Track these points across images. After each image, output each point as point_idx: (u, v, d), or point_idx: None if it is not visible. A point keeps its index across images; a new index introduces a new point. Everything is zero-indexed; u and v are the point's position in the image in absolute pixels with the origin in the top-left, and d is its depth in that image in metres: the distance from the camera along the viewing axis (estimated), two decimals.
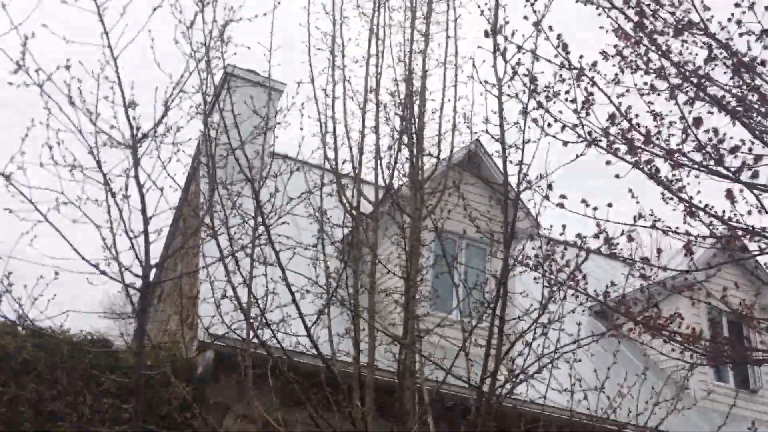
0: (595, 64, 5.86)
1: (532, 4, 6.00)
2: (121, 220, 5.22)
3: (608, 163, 5.53)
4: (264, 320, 6.45)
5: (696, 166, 5.35)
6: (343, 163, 7.26)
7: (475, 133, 7.49)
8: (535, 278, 6.59)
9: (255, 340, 6.50)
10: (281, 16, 7.00)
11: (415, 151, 7.03)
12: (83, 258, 5.11)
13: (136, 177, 5.34)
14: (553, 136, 5.69)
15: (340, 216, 7.47)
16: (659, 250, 5.91)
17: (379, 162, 7.17)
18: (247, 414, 7.01)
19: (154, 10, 5.36)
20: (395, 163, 7.08)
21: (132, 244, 5.24)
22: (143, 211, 5.32)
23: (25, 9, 4.96)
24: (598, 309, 11.26)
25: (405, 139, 7.10)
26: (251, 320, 6.41)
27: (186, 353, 7.54)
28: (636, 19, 5.62)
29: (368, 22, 7.64)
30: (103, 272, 5.24)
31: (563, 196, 5.72)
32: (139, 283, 5.33)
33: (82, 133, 5.20)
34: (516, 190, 6.49)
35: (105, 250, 5.24)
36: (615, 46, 6.24)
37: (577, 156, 5.58)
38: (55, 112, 5.17)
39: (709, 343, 6.42)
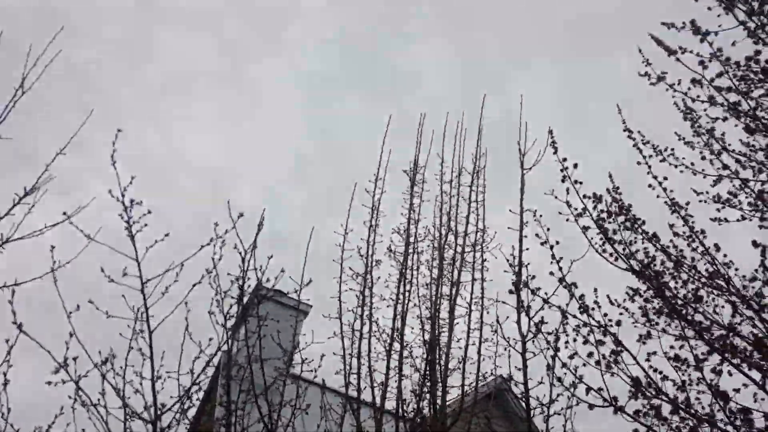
0: (620, 323, 6.22)
1: (558, 262, 6.52)
2: None
3: (636, 431, 5.69)
4: None
5: None
6: (365, 405, 7.45)
7: (500, 376, 7.72)
8: None
9: None
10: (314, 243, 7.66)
11: (438, 399, 7.22)
12: None
13: None
14: (579, 398, 5.90)
15: None
16: None
17: (401, 405, 7.36)
18: None
19: (194, 286, 6.00)
20: (417, 412, 7.26)
21: None
22: None
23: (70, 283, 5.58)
24: None
25: (428, 385, 7.33)
26: None
27: None
28: (656, 282, 6.08)
29: (398, 263, 8.23)
30: None
31: None
32: None
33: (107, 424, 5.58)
34: None
35: None
36: (636, 290, 6.69)
37: None
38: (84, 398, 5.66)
39: None
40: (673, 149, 7.73)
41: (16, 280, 5.43)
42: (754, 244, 6.32)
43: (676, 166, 7.66)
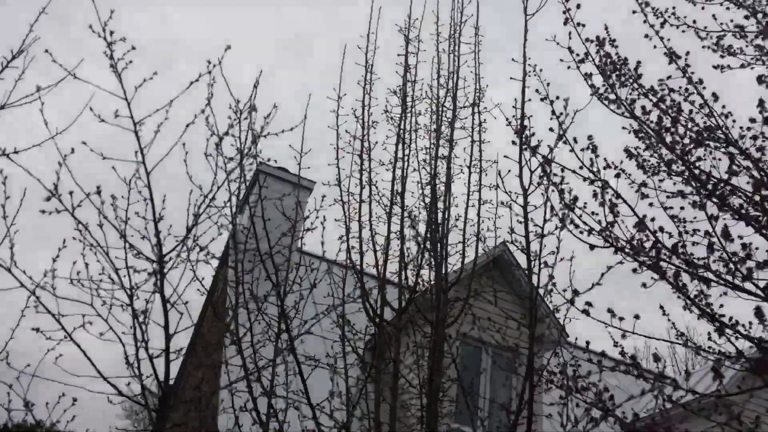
0: (619, 175, 6.27)
1: (558, 117, 6.49)
2: (143, 339, 5.55)
3: (635, 271, 5.84)
4: None
5: (723, 283, 5.61)
6: (367, 266, 7.59)
7: (499, 237, 7.83)
8: (560, 396, 6.71)
9: None
10: (311, 115, 7.61)
11: (439, 258, 7.34)
12: (105, 378, 5.47)
13: (161, 291, 5.68)
14: (580, 239, 6.02)
15: (363, 320, 7.69)
16: (688, 373, 6.07)
17: (403, 268, 7.50)
18: None
19: (187, 126, 5.89)
20: (419, 270, 7.41)
21: (152, 363, 5.54)
22: (166, 327, 5.64)
23: (65, 124, 5.50)
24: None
25: (429, 245, 7.44)
26: None
27: None
28: (656, 128, 6.08)
29: (395, 126, 8.15)
30: (122, 393, 5.62)
31: (588, 303, 6.00)
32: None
33: (109, 255, 5.65)
34: (541, 296, 6.75)
35: (128, 368, 5.56)
36: (636, 148, 6.71)
37: (609, 268, 5.88)
38: (85, 233, 5.67)
39: None
40: (674, 7, 7.55)
41: (15, 148, 5.40)
42: (759, 79, 6.24)
43: (677, 26, 7.51)
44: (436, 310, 7.23)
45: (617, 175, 6.37)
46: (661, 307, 6.62)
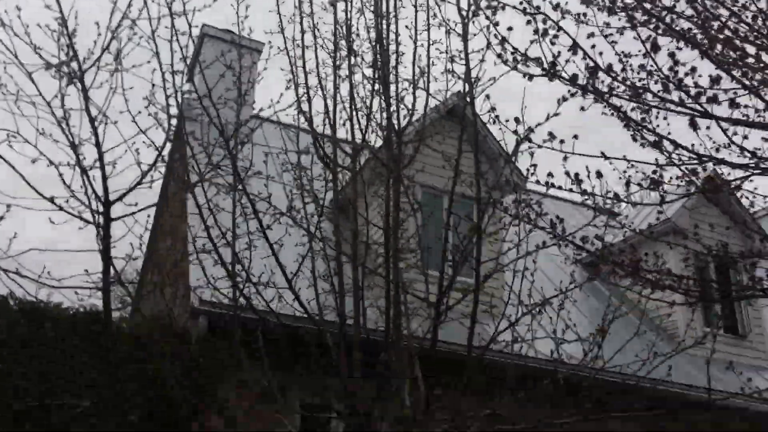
0: (558, 6, 6.24)
1: None
2: (74, 152, 5.42)
3: (573, 95, 5.93)
4: (248, 277, 6.85)
5: (661, 102, 5.74)
6: (317, 114, 7.57)
7: (451, 80, 7.81)
8: (513, 223, 6.99)
9: (242, 300, 6.87)
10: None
11: (389, 98, 7.32)
12: (39, 193, 5.36)
13: (87, 109, 5.56)
14: (517, 70, 6.06)
15: (319, 173, 7.78)
16: (628, 183, 6.17)
17: (354, 112, 7.49)
18: (241, 380, 7.17)
19: None
20: (370, 109, 7.41)
21: (88, 176, 5.47)
22: (97, 144, 5.53)
23: None
24: (582, 258, 11.67)
25: (378, 86, 7.41)
26: (236, 279, 6.76)
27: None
28: None
29: None
30: (60, 207, 5.50)
31: (531, 129, 6.17)
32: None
33: (18, 57, 5.45)
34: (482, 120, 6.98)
35: (66, 188, 5.46)
36: None
37: (531, 77, 5.96)
38: None
39: (692, 283, 6.75)
40: None
41: None
42: None
43: None
44: (389, 148, 7.29)
45: (556, 7, 6.33)
46: (603, 153, 6.66)
